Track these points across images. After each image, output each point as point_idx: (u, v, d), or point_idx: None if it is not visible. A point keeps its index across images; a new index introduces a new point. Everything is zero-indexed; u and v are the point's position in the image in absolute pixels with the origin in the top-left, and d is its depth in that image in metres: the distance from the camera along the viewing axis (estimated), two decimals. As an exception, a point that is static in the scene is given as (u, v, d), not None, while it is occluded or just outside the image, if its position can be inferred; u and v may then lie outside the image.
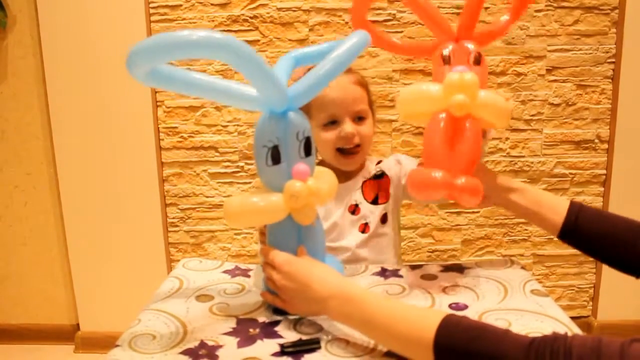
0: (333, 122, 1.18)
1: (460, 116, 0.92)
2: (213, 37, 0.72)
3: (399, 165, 1.28)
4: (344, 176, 1.24)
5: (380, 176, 1.26)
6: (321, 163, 1.28)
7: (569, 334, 0.63)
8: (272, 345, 0.80)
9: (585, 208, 0.96)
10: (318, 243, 0.93)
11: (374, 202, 1.24)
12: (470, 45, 0.99)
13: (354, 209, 1.23)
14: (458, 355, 0.66)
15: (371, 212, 1.23)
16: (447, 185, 0.91)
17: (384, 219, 1.24)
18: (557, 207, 0.97)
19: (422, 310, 0.77)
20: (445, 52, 0.99)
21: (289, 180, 0.85)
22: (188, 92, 0.82)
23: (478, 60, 0.98)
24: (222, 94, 0.83)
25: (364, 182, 1.25)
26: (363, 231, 1.22)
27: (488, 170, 1.05)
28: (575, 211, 0.95)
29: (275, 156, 0.85)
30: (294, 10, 1.99)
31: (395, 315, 0.74)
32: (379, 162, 1.29)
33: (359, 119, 1.19)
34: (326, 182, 0.91)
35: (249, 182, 2.12)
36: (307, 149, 0.87)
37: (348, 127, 1.16)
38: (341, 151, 1.19)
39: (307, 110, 1.19)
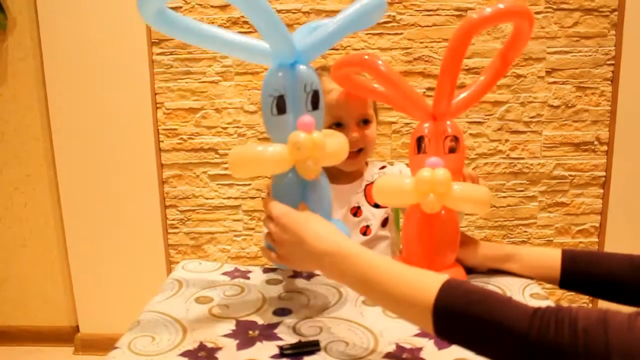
0: (338, 125, 1.18)
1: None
2: None
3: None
4: (347, 178, 1.25)
5: None
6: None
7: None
8: (272, 347, 0.80)
9: (577, 254, 0.97)
10: (323, 200, 0.92)
11: (376, 205, 1.24)
12: (448, 128, 0.97)
13: (356, 211, 1.23)
14: (457, 317, 0.65)
15: (373, 215, 1.23)
16: None
17: (384, 222, 1.24)
18: (550, 262, 0.97)
19: (422, 272, 0.75)
20: (420, 138, 0.98)
21: (292, 132, 0.84)
22: (195, 41, 0.84)
23: (454, 149, 0.96)
24: (229, 45, 0.84)
25: (366, 186, 1.25)
26: (364, 233, 1.23)
27: (474, 243, 1.06)
28: (569, 261, 0.96)
29: (281, 106, 0.84)
30: (294, 12, 2.00)
31: (393, 275, 0.72)
32: (382, 167, 1.30)
33: (363, 122, 1.19)
34: (333, 140, 0.90)
35: (249, 184, 2.12)
36: (315, 102, 0.87)
37: (353, 132, 1.17)
38: None
39: None
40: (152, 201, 2.13)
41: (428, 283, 0.69)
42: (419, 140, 0.98)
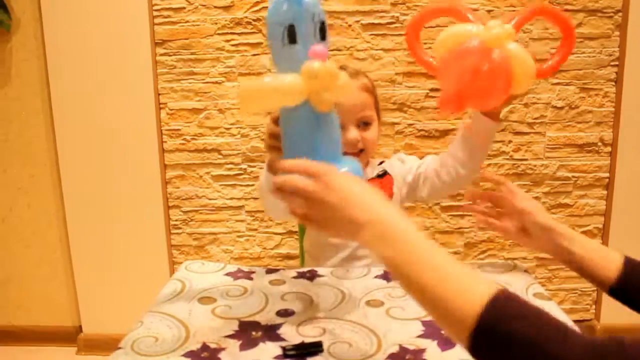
0: None
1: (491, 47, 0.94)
2: None
3: (402, 164, 1.28)
4: None
5: (382, 175, 1.26)
6: None
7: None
8: (275, 348, 0.80)
9: (638, 264, 0.87)
10: (335, 135, 0.87)
11: None
12: None
13: None
14: (502, 340, 0.55)
15: None
16: (479, 52, 0.94)
17: None
18: (611, 260, 0.87)
19: (473, 276, 0.62)
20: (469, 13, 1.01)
21: (306, 61, 0.79)
22: None
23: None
24: None
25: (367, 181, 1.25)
26: None
27: (533, 202, 0.97)
28: (631, 268, 0.86)
29: (292, 35, 0.80)
30: (297, 13, 1.99)
31: (438, 269, 0.62)
32: (380, 163, 1.30)
33: (363, 124, 1.19)
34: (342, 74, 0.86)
35: (252, 185, 2.12)
36: (323, 33, 0.83)
37: (352, 133, 1.17)
38: (344, 154, 1.19)
39: None
40: (155, 202, 2.13)
41: (476, 290, 0.59)
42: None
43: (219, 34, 2.02)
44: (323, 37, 0.83)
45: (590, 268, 0.89)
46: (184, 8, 2.00)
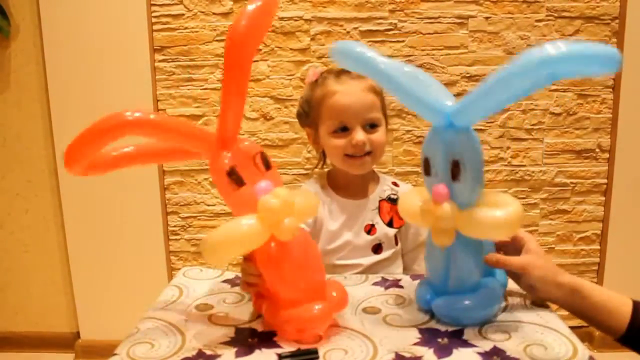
0: (343, 130, 1.16)
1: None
2: None
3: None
4: (359, 193, 1.24)
5: (396, 201, 1.26)
6: (331, 170, 1.28)
7: (570, 346, 0.59)
8: (270, 355, 0.80)
9: None
10: (465, 265, 0.88)
11: (389, 224, 1.23)
12: (249, 148, 0.85)
13: (370, 229, 1.22)
14: None
15: (386, 234, 1.23)
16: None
17: (397, 241, 1.24)
18: (618, 308, 0.86)
19: None
20: (227, 167, 0.82)
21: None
22: (374, 77, 0.93)
23: (267, 163, 0.85)
24: (401, 93, 0.87)
25: (380, 202, 1.24)
26: (376, 251, 1.22)
27: (540, 257, 0.90)
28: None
29: (426, 168, 0.87)
30: (296, 20, 2.00)
31: None
32: (394, 183, 1.29)
33: (370, 126, 1.17)
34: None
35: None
36: (454, 173, 0.82)
37: (359, 135, 1.14)
38: (350, 156, 1.17)
39: (317, 115, 1.19)
40: (154, 208, 2.13)
41: None
42: (231, 173, 0.82)
43: (217, 40, 2.02)
44: (454, 177, 0.82)
45: (596, 321, 0.88)
46: (183, 15, 2.01)
